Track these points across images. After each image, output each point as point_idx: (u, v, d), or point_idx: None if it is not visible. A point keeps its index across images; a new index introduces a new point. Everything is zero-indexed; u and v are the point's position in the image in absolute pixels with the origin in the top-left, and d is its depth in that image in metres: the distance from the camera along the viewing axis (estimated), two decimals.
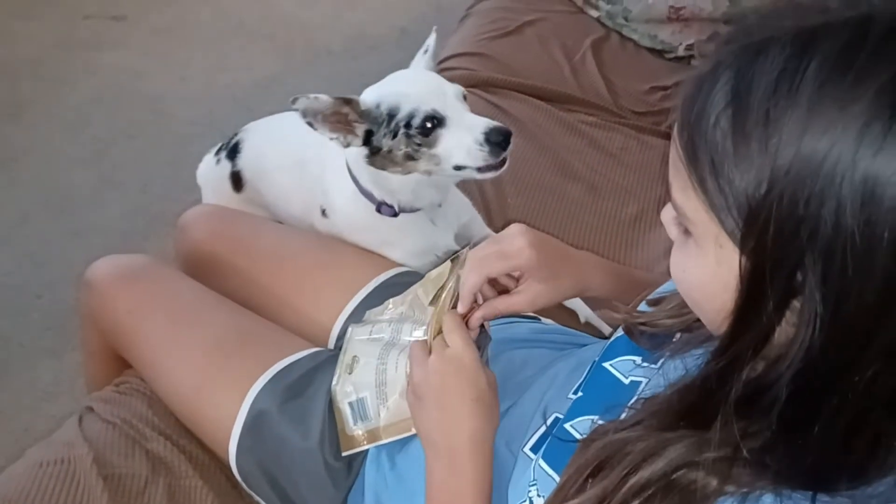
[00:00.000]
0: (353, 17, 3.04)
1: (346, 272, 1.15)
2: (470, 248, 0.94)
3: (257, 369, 0.98)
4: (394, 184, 1.12)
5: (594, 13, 2.09)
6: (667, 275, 0.71)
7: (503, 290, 0.87)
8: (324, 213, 1.23)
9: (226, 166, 1.36)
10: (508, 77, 1.78)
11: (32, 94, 2.56)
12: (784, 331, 0.48)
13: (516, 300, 0.83)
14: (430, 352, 0.80)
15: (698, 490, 0.51)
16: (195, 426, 1.02)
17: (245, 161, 1.34)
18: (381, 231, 1.19)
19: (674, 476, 0.52)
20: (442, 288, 0.91)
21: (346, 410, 0.92)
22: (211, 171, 1.41)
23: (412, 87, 1.07)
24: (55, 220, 2.11)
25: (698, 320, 0.59)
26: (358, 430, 0.91)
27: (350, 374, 0.94)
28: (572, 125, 1.70)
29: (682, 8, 1.97)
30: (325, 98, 1.03)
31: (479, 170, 1.06)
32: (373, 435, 0.90)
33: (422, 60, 1.17)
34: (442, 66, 1.84)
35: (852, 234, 0.42)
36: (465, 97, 1.09)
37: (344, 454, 0.92)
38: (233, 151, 1.36)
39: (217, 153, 1.41)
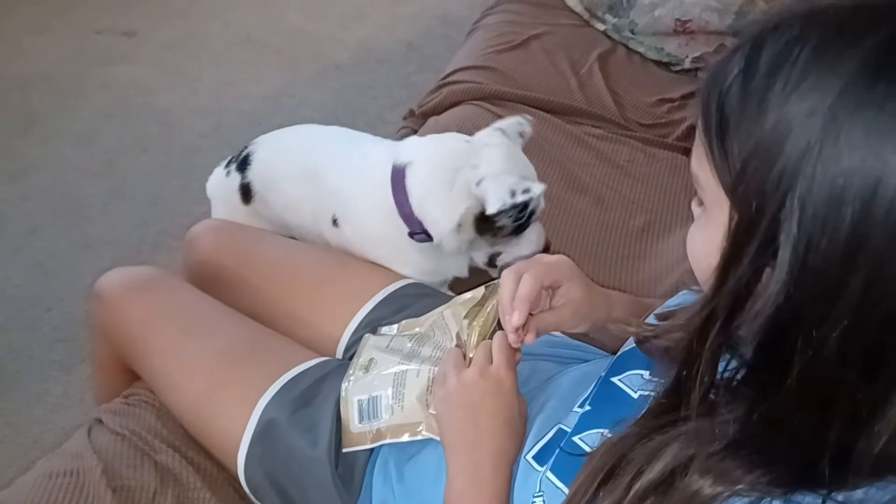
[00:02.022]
0: (361, 30, 3.06)
1: (354, 283, 1.16)
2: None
3: (266, 379, 0.99)
4: (452, 243, 1.13)
5: (600, 26, 2.10)
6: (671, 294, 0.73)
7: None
8: (335, 222, 1.24)
9: (235, 178, 1.37)
10: (515, 90, 1.79)
11: (44, 108, 2.59)
12: (763, 286, 0.50)
13: (562, 313, 0.85)
14: (467, 363, 0.83)
15: (697, 493, 0.52)
16: (204, 437, 1.02)
17: (255, 172, 1.35)
18: (397, 249, 1.19)
19: (672, 480, 0.53)
20: (480, 305, 0.94)
21: (355, 407, 0.93)
22: (220, 184, 1.42)
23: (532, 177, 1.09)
24: (65, 232, 2.13)
25: None
26: (364, 428, 0.92)
27: (365, 373, 0.95)
28: (579, 138, 1.71)
29: (688, 21, 1.98)
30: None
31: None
32: (379, 434, 0.91)
33: (503, 138, 1.15)
34: (448, 80, 1.85)
35: (825, 185, 0.45)
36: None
37: (344, 450, 0.93)
38: (243, 163, 1.37)
39: (227, 165, 1.42)
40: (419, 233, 1.14)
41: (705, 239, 0.56)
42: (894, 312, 0.46)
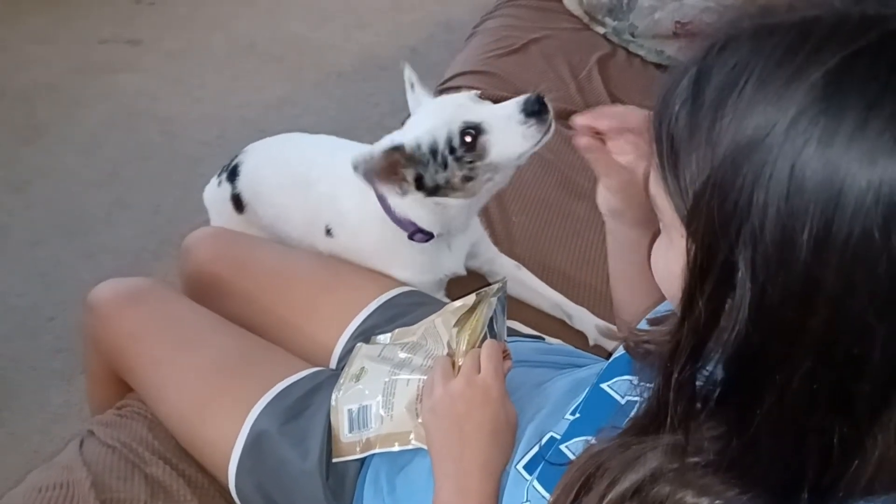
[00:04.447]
0: (363, 37, 3.07)
1: (348, 292, 1.15)
2: (503, 283, 0.97)
3: (258, 391, 0.98)
4: (452, 210, 1.12)
5: (600, 29, 2.09)
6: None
7: None
8: (328, 231, 1.23)
9: (226, 188, 1.37)
10: (514, 95, 1.77)
11: (48, 118, 2.61)
12: (725, 318, 0.48)
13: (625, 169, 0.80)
14: (456, 371, 0.83)
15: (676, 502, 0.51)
16: (195, 449, 1.01)
17: (244, 183, 1.35)
18: (394, 252, 1.19)
19: (649, 489, 0.53)
20: (470, 313, 0.93)
21: (345, 417, 0.93)
22: (214, 194, 1.42)
23: (435, 118, 1.06)
24: (68, 242, 2.14)
25: None
26: (353, 438, 0.91)
27: (356, 382, 0.95)
28: None
29: (688, 23, 1.96)
30: (377, 152, 1.04)
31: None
32: (368, 443, 0.91)
33: (417, 97, 1.16)
34: (447, 85, 1.84)
35: (776, 223, 0.43)
36: (479, 96, 1.09)
37: (334, 461, 0.92)
38: (232, 174, 1.37)
39: (219, 175, 1.42)
40: (416, 232, 1.14)
41: (668, 261, 0.54)
42: (858, 355, 0.44)
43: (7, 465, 1.59)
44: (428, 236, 1.15)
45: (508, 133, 1.02)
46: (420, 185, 1.07)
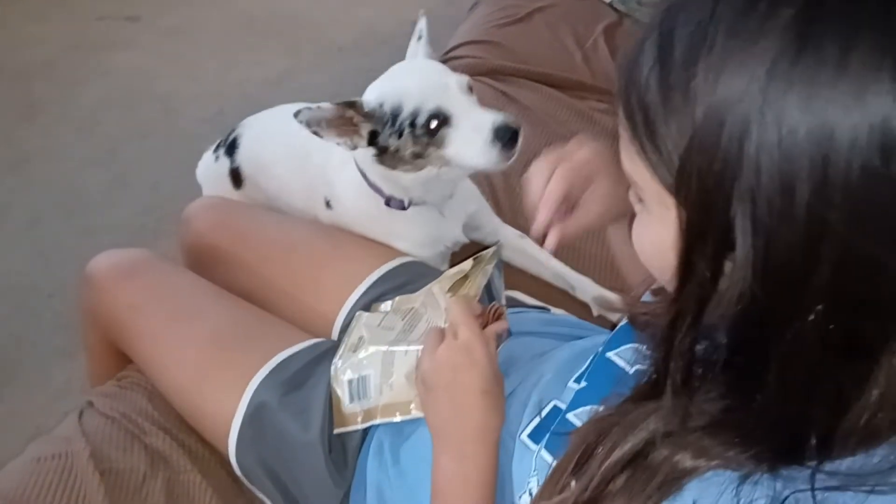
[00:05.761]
0: (363, 12, 3.03)
1: (350, 263, 1.13)
2: (498, 248, 0.95)
3: (257, 362, 0.97)
4: (404, 181, 1.10)
5: None
6: None
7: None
8: (328, 204, 1.21)
9: (224, 163, 1.34)
10: (518, 65, 1.75)
11: (46, 96, 2.58)
12: (725, 281, 0.46)
13: (587, 216, 0.78)
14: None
15: (675, 465, 0.49)
16: (195, 420, 1.00)
17: (244, 156, 1.32)
18: (388, 223, 1.17)
19: (647, 453, 0.51)
20: (463, 279, 0.91)
21: (345, 387, 0.91)
22: (210, 169, 1.39)
23: (413, 81, 1.03)
24: (67, 220, 2.12)
25: None
26: (354, 408, 0.90)
27: (354, 352, 0.93)
28: (584, 112, 1.66)
29: None
30: (327, 105, 1.01)
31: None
32: (369, 414, 0.89)
33: (417, 48, 1.13)
34: (450, 55, 1.81)
35: (772, 174, 0.41)
36: (470, 88, 1.05)
37: (336, 431, 0.91)
38: (231, 147, 1.34)
39: (215, 150, 1.39)
40: (389, 197, 1.13)
41: (653, 239, 0.52)
42: (868, 294, 0.43)
43: (9, 443, 1.57)
44: (400, 203, 1.13)
45: (471, 141, 1.00)
46: (373, 142, 1.04)
